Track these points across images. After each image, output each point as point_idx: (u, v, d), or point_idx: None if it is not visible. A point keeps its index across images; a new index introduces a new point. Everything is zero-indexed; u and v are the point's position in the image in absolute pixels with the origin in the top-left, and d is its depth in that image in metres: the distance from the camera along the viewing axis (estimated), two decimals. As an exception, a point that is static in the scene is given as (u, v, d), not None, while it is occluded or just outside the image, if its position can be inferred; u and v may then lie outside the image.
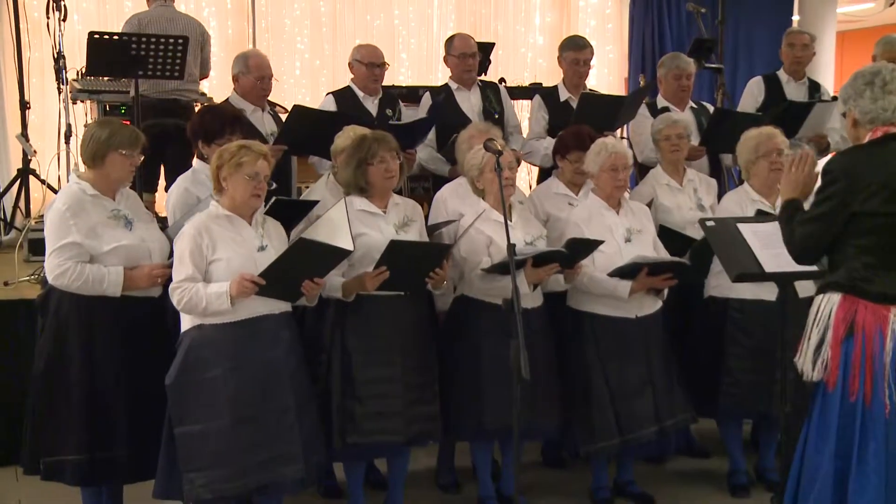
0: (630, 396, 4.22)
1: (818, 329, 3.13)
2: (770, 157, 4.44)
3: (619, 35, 10.50)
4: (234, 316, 3.55)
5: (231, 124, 4.11)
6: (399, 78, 9.25)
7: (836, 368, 3.08)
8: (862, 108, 3.10)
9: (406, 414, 3.92)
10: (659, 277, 4.21)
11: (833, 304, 3.11)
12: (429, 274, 3.88)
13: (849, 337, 3.05)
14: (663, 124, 4.91)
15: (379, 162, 3.92)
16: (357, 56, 5.35)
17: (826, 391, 3.11)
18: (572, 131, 4.72)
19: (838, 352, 3.07)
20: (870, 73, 3.11)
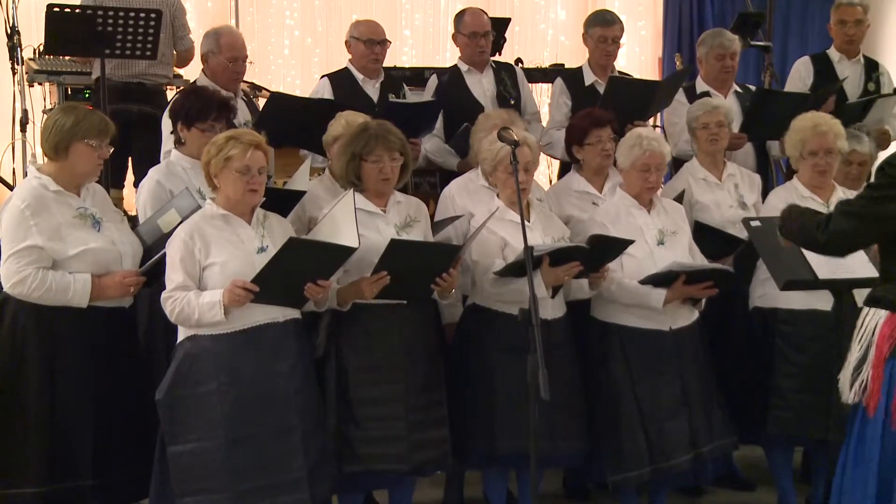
0: (663, 419, 4.24)
1: (860, 345, 3.14)
2: (815, 159, 4.42)
3: (653, 9, 10.50)
4: (232, 326, 3.60)
5: (217, 108, 4.16)
6: (402, 59, 9.27)
7: (878, 391, 3.09)
8: None
9: (410, 439, 3.94)
10: (698, 286, 4.23)
11: (879, 318, 3.12)
12: (435, 280, 3.91)
13: (893, 356, 3.06)
14: (701, 110, 4.91)
15: (374, 161, 3.94)
16: (354, 33, 5.38)
17: (865, 417, 3.13)
18: (581, 114, 4.76)
19: (881, 373, 3.08)
20: None
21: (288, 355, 3.70)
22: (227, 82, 5.10)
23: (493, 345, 4.14)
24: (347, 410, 3.93)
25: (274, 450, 3.63)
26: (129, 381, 3.84)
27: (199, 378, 3.61)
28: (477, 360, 4.17)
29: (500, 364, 4.10)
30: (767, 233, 3.84)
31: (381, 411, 3.93)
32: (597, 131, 4.63)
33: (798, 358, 4.38)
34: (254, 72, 5.34)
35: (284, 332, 3.71)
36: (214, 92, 4.48)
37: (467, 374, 4.19)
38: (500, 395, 4.09)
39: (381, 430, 3.91)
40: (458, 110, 5.30)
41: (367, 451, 3.91)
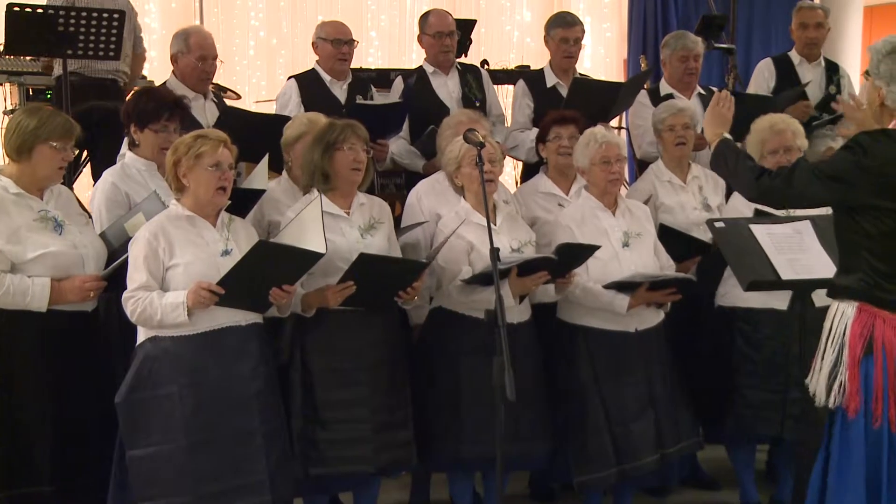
0: (629, 420, 4.26)
1: (833, 348, 3.16)
2: (777, 157, 4.45)
3: (618, 11, 10.55)
4: (194, 328, 3.58)
5: (170, 108, 4.14)
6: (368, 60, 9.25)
7: (857, 392, 3.10)
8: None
9: (375, 440, 3.94)
10: (661, 292, 4.26)
11: (848, 318, 3.14)
12: (398, 293, 3.91)
13: (868, 355, 3.09)
14: (667, 112, 4.94)
15: (348, 148, 3.95)
16: (321, 33, 5.38)
17: (846, 419, 3.14)
18: (552, 113, 4.79)
19: (857, 373, 3.10)
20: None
21: (249, 358, 3.69)
22: (196, 82, 5.08)
23: (458, 347, 4.15)
24: (313, 413, 3.92)
25: (235, 453, 3.61)
26: (90, 385, 3.80)
27: (159, 381, 3.59)
28: (442, 361, 4.18)
29: (466, 366, 4.11)
30: (731, 234, 3.88)
31: (346, 413, 3.93)
32: (557, 128, 4.67)
33: (756, 356, 4.43)
34: (219, 73, 5.30)
35: (246, 335, 3.69)
36: (167, 92, 4.47)
37: (433, 376, 4.20)
38: (466, 396, 4.10)
39: (346, 432, 3.91)
40: (424, 112, 5.30)
41: (332, 453, 3.91)
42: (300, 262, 3.66)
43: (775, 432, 4.40)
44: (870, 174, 3.04)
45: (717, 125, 3.58)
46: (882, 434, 3.08)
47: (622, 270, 4.26)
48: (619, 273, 4.25)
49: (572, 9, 9.29)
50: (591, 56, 10.09)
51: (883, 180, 3.04)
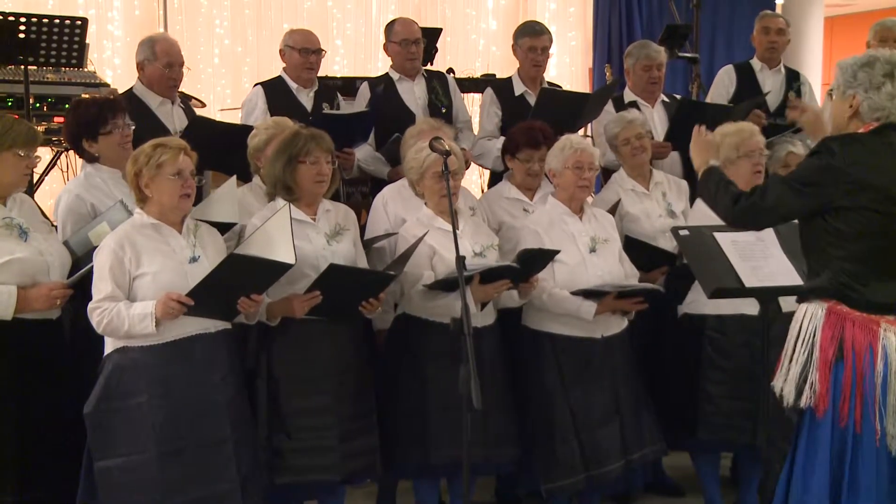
0: (596, 427, 4.28)
1: (803, 349, 3.20)
2: (753, 158, 4.50)
3: (583, 20, 10.64)
4: (162, 337, 3.57)
5: (109, 107, 4.12)
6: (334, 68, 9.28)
7: (826, 394, 3.14)
8: (874, 104, 3.15)
9: (341, 449, 3.94)
10: (628, 300, 4.28)
11: (818, 320, 3.19)
12: (362, 304, 3.92)
13: (839, 359, 3.13)
14: (618, 127, 4.98)
15: (312, 162, 3.94)
16: (289, 41, 5.38)
17: (814, 419, 3.18)
18: (523, 127, 4.79)
19: (827, 375, 3.14)
20: (889, 64, 3.14)
21: (219, 366, 3.68)
22: (164, 89, 5.06)
23: (423, 352, 4.16)
24: (278, 422, 3.92)
25: (206, 461, 3.60)
26: (56, 395, 3.77)
27: (128, 391, 3.57)
28: (408, 368, 4.19)
29: (432, 372, 4.12)
30: (696, 241, 3.91)
31: (312, 422, 3.92)
32: (529, 151, 4.68)
33: (726, 364, 4.43)
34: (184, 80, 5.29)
35: (216, 343, 3.69)
36: (95, 97, 4.44)
37: (398, 383, 4.20)
38: (431, 402, 4.11)
39: (312, 441, 3.91)
40: (390, 118, 5.31)
41: (298, 463, 3.90)
42: (269, 272, 3.66)
43: (748, 440, 4.39)
44: (840, 175, 3.09)
45: (703, 153, 3.63)
46: (847, 434, 3.12)
47: (589, 276, 4.28)
48: (586, 278, 4.27)
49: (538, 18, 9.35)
50: (556, 65, 10.16)
51: (852, 179, 3.08)
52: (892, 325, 3.12)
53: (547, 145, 4.63)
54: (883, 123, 3.16)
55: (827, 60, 10.18)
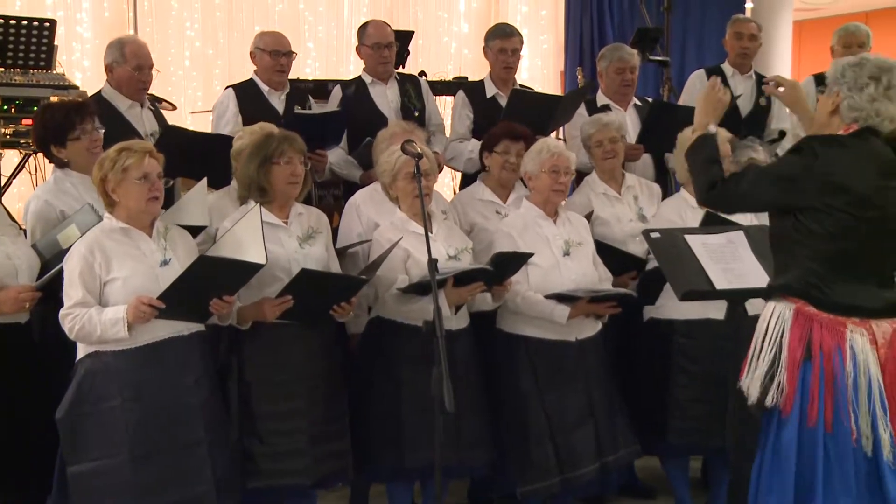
0: (571, 429, 4.29)
1: (770, 349, 3.22)
2: None
3: (555, 23, 10.66)
4: (135, 341, 3.55)
5: (77, 112, 4.09)
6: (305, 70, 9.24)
7: (793, 394, 3.17)
8: (854, 103, 3.18)
9: (313, 452, 3.93)
10: (601, 304, 4.30)
11: (786, 320, 3.21)
12: (333, 308, 3.91)
13: (807, 360, 3.16)
14: (593, 128, 4.99)
15: (286, 163, 3.93)
16: (260, 44, 5.36)
17: (781, 419, 3.21)
18: (502, 123, 4.83)
19: (795, 375, 3.17)
20: (878, 68, 3.16)
21: (193, 369, 3.67)
22: (133, 92, 5.03)
23: (396, 356, 4.16)
24: (250, 426, 3.90)
25: (181, 464, 3.59)
26: (25, 400, 3.74)
27: (101, 395, 3.55)
28: (382, 371, 4.18)
29: (405, 376, 4.12)
30: (666, 244, 3.92)
31: (284, 426, 3.91)
32: (507, 142, 4.70)
33: (694, 368, 4.45)
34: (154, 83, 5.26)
35: (189, 345, 3.67)
36: (63, 101, 4.41)
37: (372, 385, 4.20)
38: (405, 405, 4.11)
39: (284, 445, 3.90)
40: (362, 122, 5.31)
41: (270, 467, 3.89)
42: (240, 273, 3.65)
43: (718, 444, 4.39)
44: (818, 176, 3.12)
45: (709, 112, 3.53)
46: (817, 435, 3.15)
47: (563, 279, 4.30)
48: (560, 281, 4.29)
49: (509, 20, 9.35)
50: (528, 68, 10.17)
51: (829, 180, 3.11)
52: (858, 326, 3.14)
53: (525, 143, 4.65)
54: (862, 127, 3.19)
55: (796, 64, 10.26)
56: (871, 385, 3.12)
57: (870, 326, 3.16)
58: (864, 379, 3.12)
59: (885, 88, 3.15)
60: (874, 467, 3.10)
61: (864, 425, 3.11)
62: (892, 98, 3.15)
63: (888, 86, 3.15)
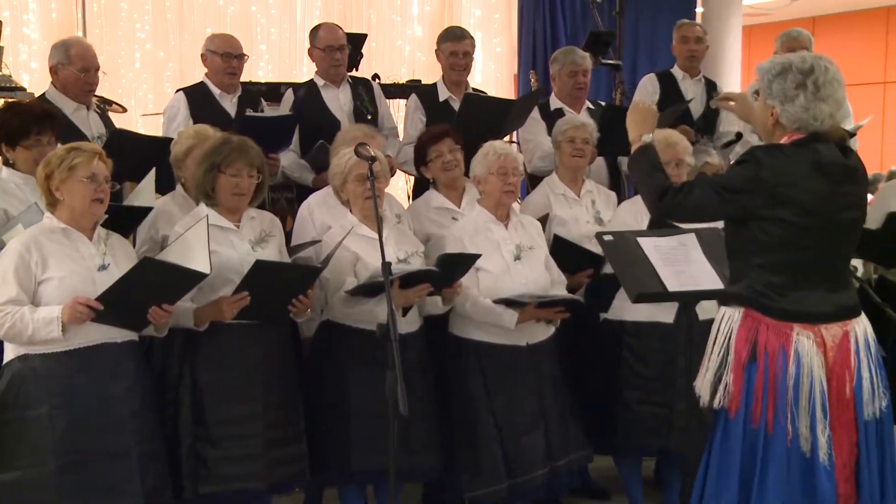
0: (521, 434, 4.30)
1: (719, 351, 3.25)
2: (669, 169, 4.51)
3: (508, 27, 10.70)
4: (66, 344, 3.49)
5: (39, 122, 4.04)
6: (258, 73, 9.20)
7: (739, 394, 3.20)
8: (790, 116, 3.19)
9: (268, 456, 3.91)
10: (550, 310, 4.31)
11: (734, 323, 3.24)
12: (292, 301, 3.88)
13: (752, 360, 3.19)
14: (569, 125, 5.01)
15: (232, 175, 3.90)
16: (211, 46, 5.32)
17: (727, 419, 3.23)
18: (420, 135, 4.87)
19: (741, 376, 3.20)
20: (800, 72, 3.15)
21: (124, 377, 3.62)
22: (78, 94, 4.98)
23: (346, 359, 4.15)
24: (203, 430, 3.88)
25: (109, 474, 3.53)
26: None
27: (28, 401, 3.49)
28: (332, 375, 4.17)
29: (354, 378, 4.11)
30: (620, 246, 3.93)
31: (238, 430, 3.89)
32: (435, 146, 4.70)
33: (642, 369, 4.49)
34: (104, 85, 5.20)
35: (121, 352, 3.63)
36: (33, 105, 4.35)
37: (322, 389, 4.18)
38: (355, 410, 4.10)
39: (238, 449, 3.88)
40: (315, 125, 5.29)
41: (223, 471, 3.86)
42: (183, 281, 3.61)
43: (662, 445, 4.46)
44: (764, 186, 3.14)
45: (640, 124, 3.54)
46: (758, 435, 3.18)
47: (513, 283, 4.30)
48: (511, 286, 4.29)
49: (463, 24, 9.38)
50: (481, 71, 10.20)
51: (775, 192, 3.13)
52: (805, 329, 3.18)
53: (451, 137, 4.68)
54: (808, 134, 3.21)
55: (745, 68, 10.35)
56: (814, 387, 3.15)
57: (818, 330, 3.18)
58: (807, 381, 3.15)
59: (814, 91, 3.15)
60: (810, 467, 3.14)
61: (804, 427, 3.14)
62: (823, 98, 3.15)
63: (815, 88, 3.15)
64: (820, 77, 3.15)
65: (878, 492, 3.23)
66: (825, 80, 3.15)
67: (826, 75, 3.16)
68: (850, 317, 3.25)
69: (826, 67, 3.17)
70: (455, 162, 4.69)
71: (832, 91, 3.16)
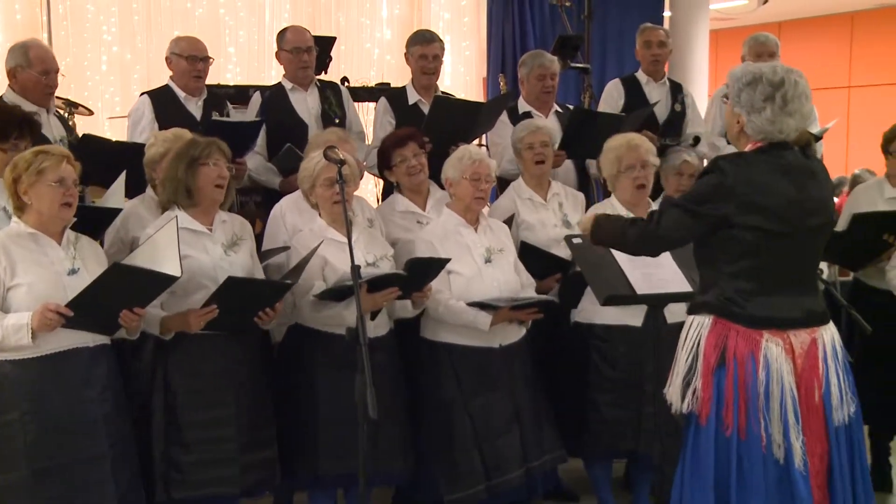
0: (496, 436, 4.30)
1: (687, 356, 3.26)
2: (634, 172, 4.57)
3: (477, 30, 10.71)
4: (37, 350, 3.46)
5: (18, 126, 4.01)
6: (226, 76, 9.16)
7: (709, 400, 3.20)
8: (756, 126, 3.20)
9: (241, 461, 3.91)
10: (523, 311, 4.32)
11: (704, 328, 3.25)
12: (258, 314, 3.88)
13: (721, 366, 3.20)
14: (525, 131, 5.02)
15: (213, 164, 3.90)
16: (175, 49, 5.29)
17: (698, 425, 3.24)
18: (384, 139, 4.85)
19: (710, 381, 3.20)
20: (770, 85, 3.15)
21: (97, 381, 3.60)
22: (38, 97, 4.92)
23: (315, 363, 4.14)
24: (176, 435, 3.86)
25: (82, 479, 3.52)
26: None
27: None
28: (300, 378, 4.17)
29: (323, 382, 4.10)
30: (588, 250, 3.95)
31: (211, 434, 3.88)
32: (399, 151, 4.70)
33: (611, 373, 4.50)
34: (69, 88, 5.15)
35: (93, 357, 3.60)
36: (14, 108, 4.30)
37: (291, 393, 4.17)
38: (324, 413, 4.09)
39: (211, 454, 3.87)
40: (282, 128, 5.28)
41: (196, 476, 3.85)
42: (154, 285, 3.59)
43: (631, 448, 4.48)
44: (731, 193, 3.15)
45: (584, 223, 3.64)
46: (731, 442, 3.18)
47: (485, 286, 4.31)
48: (482, 288, 4.30)
49: (432, 27, 9.39)
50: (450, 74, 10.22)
51: (745, 199, 3.15)
52: (774, 335, 3.19)
53: (416, 141, 4.68)
54: (770, 143, 3.23)
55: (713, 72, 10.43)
56: (784, 394, 3.16)
57: (787, 336, 3.20)
58: (777, 387, 3.16)
59: (781, 106, 3.15)
60: (786, 474, 3.15)
61: (776, 433, 3.15)
62: (790, 112, 3.16)
63: (783, 102, 3.15)
64: (789, 91, 3.15)
65: (850, 498, 3.25)
66: (794, 94, 3.15)
67: (795, 90, 3.16)
68: (819, 323, 3.26)
69: (796, 82, 3.17)
70: (420, 166, 4.70)
71: (800, 106, 3.17)
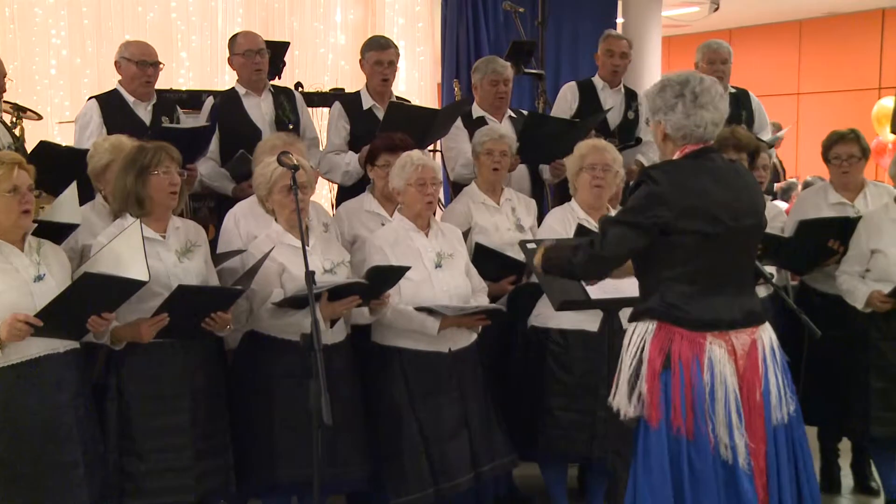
0: (445, 440, 4.31)
1: (631, 361, 3.30)
2: (594, 171, 4.63)
3: (431, 35, 10.70)
4: (7, 359, 3.44)
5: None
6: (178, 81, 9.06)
7: (657, 404, 3.24)
8: (674, 124, 3.30)
9: (196, 468, 3.89)
10: (471, 318, 4.32)
11: (648, 334, 3.29)
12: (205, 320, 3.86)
13: (666, 369, 3.23)
14: (487, 137, 5.05)
15: (163, 172, 3.87)
16: (125, 53, 5.25)
17: (649, 429, 3.28)
18: (382, 135, 4.85)
19: (657, 385, 3.25)
20: (678, 83, 3.29)
21: (69, 386, 3.58)
22: None
23: (270, 370, 4.13)
24: (129, 444, 3.84)
25: (56, 486, 3.50)
26: None
27: None
28: (255, 385, 4.15)
29: (279, 389, 4.09)
30: (543, 255, 3.96)
31: (166, 442, 3.86)
32: (387, 156, 4.69)
33: (566, 377, 4.53)
34: (17, 92, 5.07)
35: (64, 363, 3.59)
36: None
37: (246, 400, 4.16)
38: (279, 420, 4.08)
39: (166, 462, 3.85)
40: (235, 134, 5.26)
41: (151, 485, 3.84)
42: (123, 290, 3.59)
43: (584, 452, 4.51)
44: (664, 200, 3.20)
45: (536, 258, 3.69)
46: (681, 444, 3.23)
47: (435, 291, 4.32)
48: (432, 293, 4.31)
49: (386, 32, 9.38)
50: (405, 79, 10.19)
51: (676, 205, 3.20)
52: (717, 338, 3.24)
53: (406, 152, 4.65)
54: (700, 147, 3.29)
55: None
56: (728, 395, 3.22)
57: (729, 338, 3.26)
58: (721, 389, 3.22)
59: (692, 100, 3.26)
60: (732, 475, 3.19)
61: (723, 434, 3.20)
62: (702, 105, 3.27)
63: (693, 96, 3.27)
64: (696, 87, 3.27)
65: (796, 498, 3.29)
66: (701, 89, 3.27)
67: (701, 85, 3.28)
68: (757, 323, 3.34)
69: (701, 79, 3.31)
70: None
71: (710, 99, 3.28)
